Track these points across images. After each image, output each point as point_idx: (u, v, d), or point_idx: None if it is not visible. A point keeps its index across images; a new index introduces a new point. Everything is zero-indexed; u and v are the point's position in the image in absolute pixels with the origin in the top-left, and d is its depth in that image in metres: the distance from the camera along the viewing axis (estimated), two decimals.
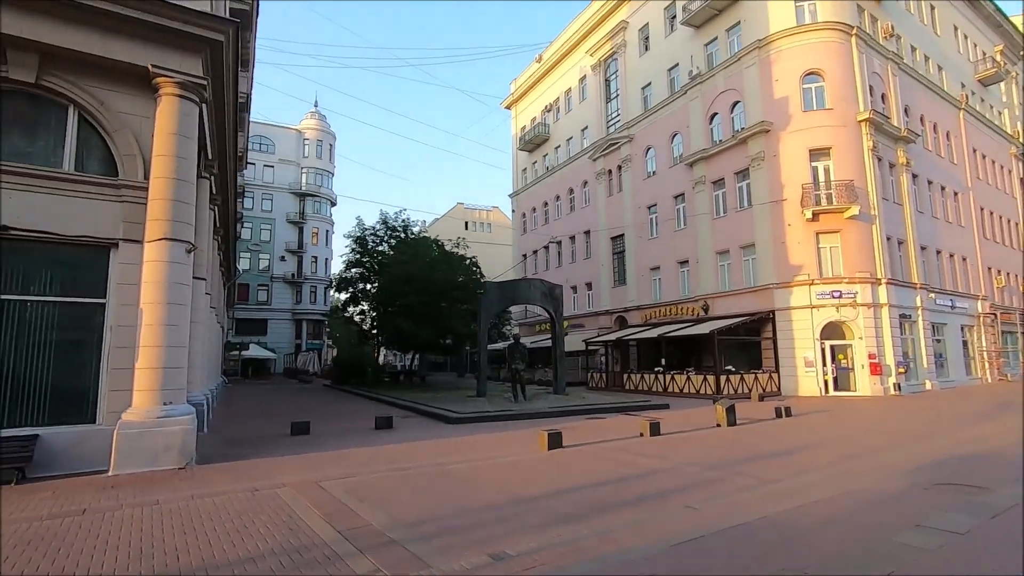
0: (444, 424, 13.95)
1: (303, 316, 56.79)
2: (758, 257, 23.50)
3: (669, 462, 8.48)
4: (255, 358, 45.04)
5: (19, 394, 8.27)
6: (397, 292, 26.27)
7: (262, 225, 57.41)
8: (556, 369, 18.46)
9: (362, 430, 12.82)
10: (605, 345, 29.22)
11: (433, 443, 10.78)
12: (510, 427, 13.09)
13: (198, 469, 8.40)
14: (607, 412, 15.98)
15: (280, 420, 14.78)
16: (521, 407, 15.73)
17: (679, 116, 28.04)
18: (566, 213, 37.76)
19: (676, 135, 28.47)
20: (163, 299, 8.79)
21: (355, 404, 20.61)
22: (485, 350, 17.59)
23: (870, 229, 22.40)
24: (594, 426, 13.20)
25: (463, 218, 68.68)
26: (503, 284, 18.24)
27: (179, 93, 9.26)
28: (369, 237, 32.68)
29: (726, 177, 25.19)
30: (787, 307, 22.31)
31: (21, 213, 8.32)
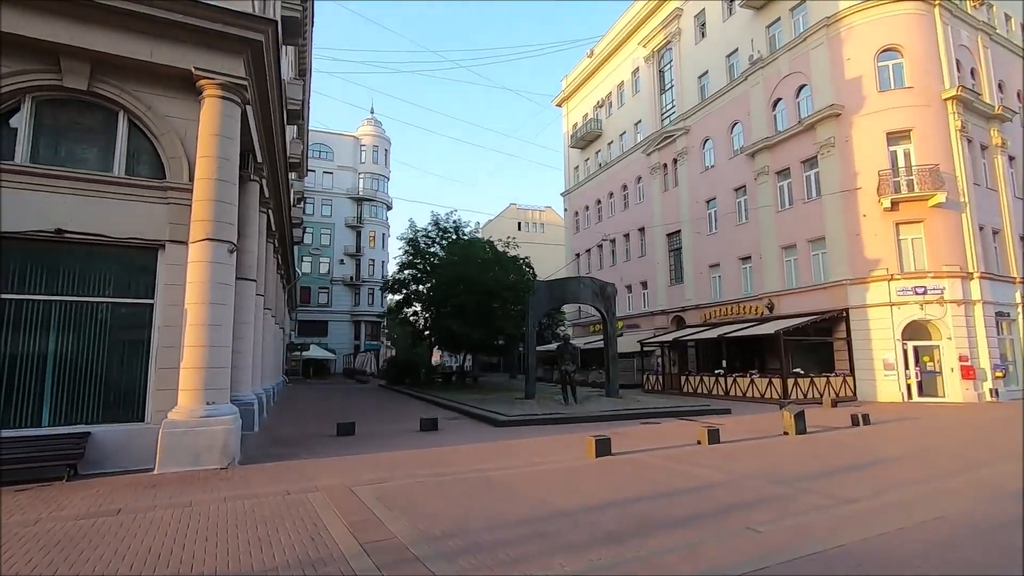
0: (490, 427, 13.56)
1: (361, 317, 58.28)
2: (829, 251, 21.78)
3: (728, 474, 7.69)
4: (315, 358, 46.46)
5: (74, 392, 8.51)
6: (448, 293, 26.24)
7: (322, 230, 59.41)
8: (608, 371, 17.71)
9: (407, 432, 12.62)
10: (661, 346, 28.07)
11: (476, 447, 10.39)
12: (558, 431, 12.53)
13: (240, 469, 8.36)
14: (662, 416, 15.12)
15: (330, 420, 14.84)
16: (571, 410, 15.13)
17: (739, 104, 26.52)
18: (620, 210, 36.68)
19: (736, 124, 26.95)
20: (206, 299, 8.84)
21: (405, 405, 20.62)
22: (534, 351, 17.10)
23: (959, 218, 20.26)
24: (647, 432, 12.44)
25: (516, 218, 68.59)
26: (552, 283, 17.68)
27: (221, 94, 9.32)
28: (421, 239, 32.96)
29: (792, 166, 23.55)
30: (863, 305, 20.52)
31: (74, 217, 8.57)
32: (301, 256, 57.67)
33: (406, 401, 22.47)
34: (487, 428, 13.38)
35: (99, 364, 8.70)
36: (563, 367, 16.74)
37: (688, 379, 24.45)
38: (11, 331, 8.23)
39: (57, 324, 8.51)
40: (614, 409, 15.43)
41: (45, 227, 8.38)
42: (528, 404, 15.95)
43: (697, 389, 23.58)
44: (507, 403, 16.61)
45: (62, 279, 8.62)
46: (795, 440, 10.93)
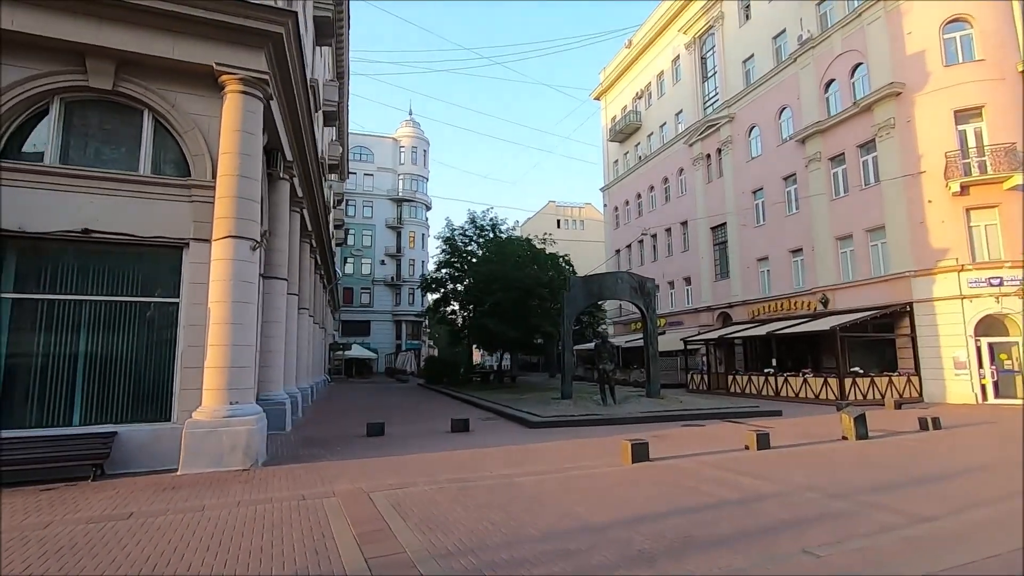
0: (524, 428, 13.07)
1: (402, 317, 58.89)
2: (890, 241, 20.21)
3: (780, 485, 6.93)
4: (357, 358, 47.12)
5: (102, 392, 8.51)
6: (484, 291, 25.91)
7: (363, 231, 60.34)
8: (649, 370, 16.91)
9: (437, 433, 12.28)
10: (706, 344, 26.90)
11: (506, 450, 9.92)
12: (594, 433, 11.92)
13: (262, 471, 8.16)
14: (706, 418, 14.26)
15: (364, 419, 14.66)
16: (609, 411, 14.47)
17: (787, 88, 25.07)
18: (661, 204, 35.50)
19: (784, 109, 25.50)
20: (228, 297, 8.70)
21: (440, 404, 20.38)
22: (570, 349, 16.49)
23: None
24: (689, 435, 11.66)
25: (555, 215, 67.87)
26: (588, 279, 17.02)
27: (242, 89, 9.18)
28: (458, 237, 32.79)
29: (846, 151, 22.02)
30: (929, 298, 18.93)
31: (100, 216, 8.57)
32: (344, 257, 58.77)
33: (442, 400, 22.25)
34: (520, 429, 12.90)
35: (126, 364, 8.69)
36: (600, 366, 16.07)
37: (735, 379, 23.26)
38: (40, 331, 8.30)
39: (86, 324, 8.53)
40: (655, 410, 14.67)
41: (73, 227, 8.41)
42: (564, 404, 15.37)
43: (745, 389, 22.39)
44: (542, 403, 16.08)
45: (90, 279, 8.64)
46: (856, 446, 9.96)
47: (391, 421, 14.26)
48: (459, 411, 17.09)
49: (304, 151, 14.46)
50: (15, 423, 8.01)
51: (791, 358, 23.53)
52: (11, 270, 8.32)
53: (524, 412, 14.52)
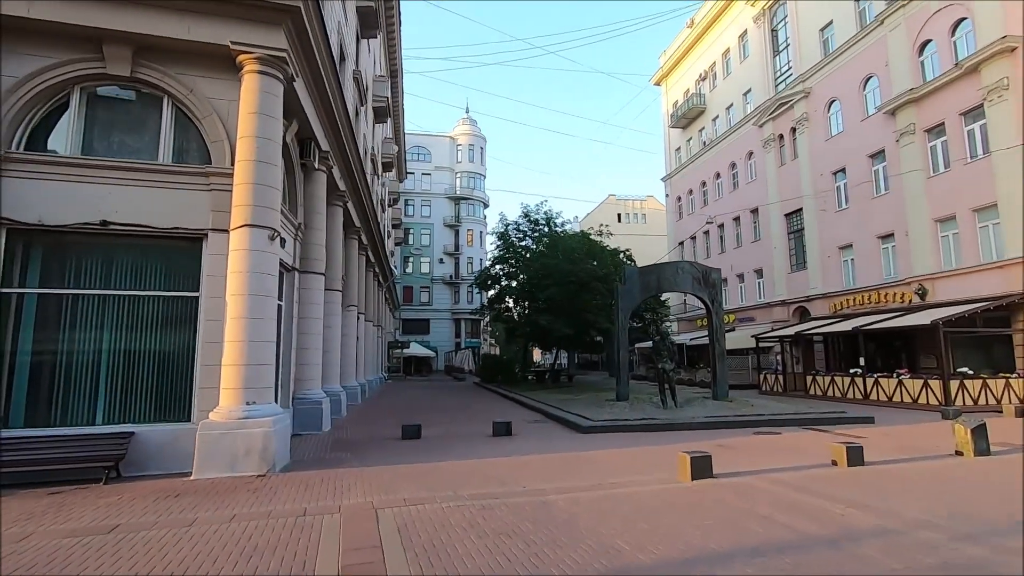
0: (571, 433, 11.93)
1: (461, 315, 58.82)
2: (1004, 222, 17.38)
3: (885, 517, 5.47)
4: (416, 356, 47.34)
5: (119, 390, 8.19)
6: (536, 286, 24.88)
7: (422, 230, 60.81)
8: (715, 369, 15.27)
9: (477, 436, 11.37)
10: (781, 341, 24.56)
11: (547, 459, 8.84)
12: (650, 440, 10.61)
13: (277, 478, 7.53)
14: (782, 425, 12.56)
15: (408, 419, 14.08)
16: (669, 415, 13.06)
17: (873, 54, 22.37)
18: (728, 191, 33.09)
19: (869, 79, 22.79)
20: (245, 290, 8.14)
21: (490, 404, 19.54)
22: (625, 346, 15.14)
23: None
24: (762, 445, 10.12)
25: (615, 209, 65.76)
26: (645, 270, 15.58)
27: (259, 69, 8.62)
28: (511, 232, 31.91)
29: (947, 121, 19.25)
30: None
31: (119, 207, 8.24)
32: (403, 257, 59.51)
33: (492, 400, 21.43)
34: (567, 434, 11.77)
35: (147, 361, 8.33)
36: (659, 365, 14.64)
37: (815, 380, 20.96)
38: (62, 327, 8.06)
39: (105, 319, 8.23)
40: (721, 415, 13.11)
41: (91, 220, 8.11)
42: (618, 407, 14.07)
43: (827, 391, 20.10)
44: (595, 405, 14.84)
45: (110, 273, 8.36)
46: (975, 465, 8.14)
47: (433, 422, 13.55)
48: (508, 412, 16.18)
49: (342, 141, 13.96)
50: (39, 422, 7.82)
51: (881, 357, 20.96)
52: (36, 265, 8.15)
53: (574, 415, 13.37)
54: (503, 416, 14.50)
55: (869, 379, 18.36)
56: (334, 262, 15.36)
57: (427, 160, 61.76)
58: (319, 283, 12.86)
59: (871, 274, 22.37)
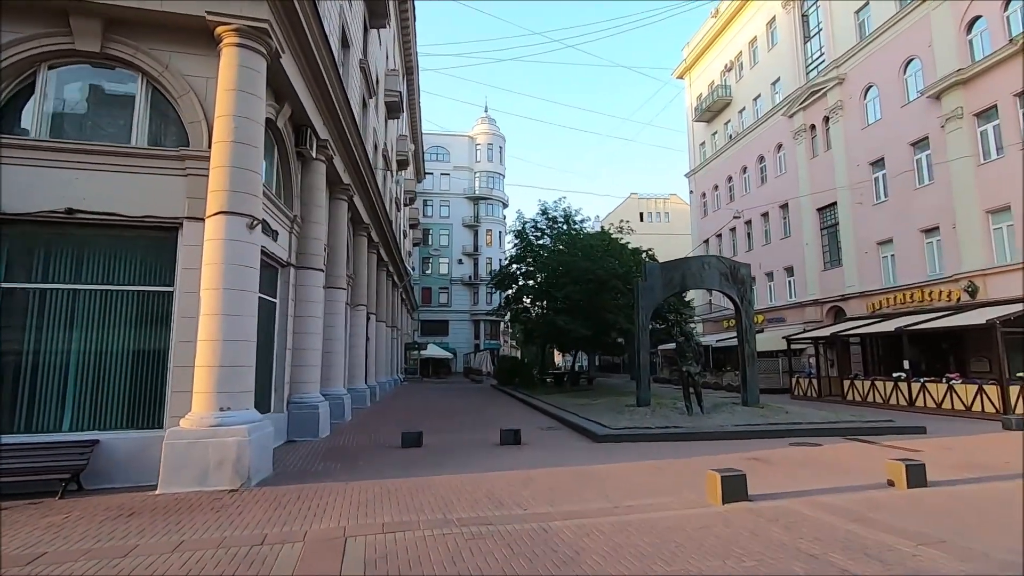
0: (587, 442, 10.92)
1: (480, 317, 58.03)
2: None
3: (966, 557, 4.37)
4: (433, 357, 46.68)
5: (88, 394, 7.48)
6: (553, 285, 23.90)
7: (441, 231, 60.27)
8: (745, 373, 14.07)
9: (484, 445, 10.44)
10: (815, 343, 23.09)
11: (557, 473, 7.87)
12: (674, 451, 9.55)
13: (251, 492, 6.72)
14: (822, 435, 11.34)
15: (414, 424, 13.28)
16: (694, 423, 11.95)
17: (915, 35, 20.83)
18: (756, 186, 31.61)
19: (910, 62, 21.25)
20: (220, 284, 7.37)
21: (504, 408, 18.61)
22: (646, 348, 14.04)
23: None
24: (802, 459, 8.97)
25: (637, 208, 64.27)
26: (668, 265, 14.46)
27: (238, 42, 7.86)
28: (529, 230, 30.98)
29: (999, 102, 17.67)
30: None
31: (87, 194, 7.55)
32: (422, 257, 59.04)
33: (507, 404, 20.49)
34: (582, 443, 10.76)
35: (117, 361, 7.62)
36: (683, 367, 13.51)
37: (853, 384, 19.50)
38: (27, 325, 7.39)
39: (72, 316, 7.54)
40: (753, 423, 11.95)
41: (56, 207, 7.44)
42: (639, 413, 12.99)
43: (867, 397, 18.64)
44: (614, 411, 13.79)
45: (77, 265, 7.66)
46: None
47: (439, 428, 12.68)
48: (521, 417, 15.24)
49: (343, 130, 13.20)
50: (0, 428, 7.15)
51: (926, 360, 19.41)
52: None
53: (590, 421, 12.35)
54: (516, 421, 13.59)
55: (915, 384, 16.89)
56: (337, 258, 14.64)
57: (446, 160, 61.23)
58: (318, 280, 12.12)
59: (914, 271, 20.81)
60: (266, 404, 10.65)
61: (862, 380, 19.12)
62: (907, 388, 17.04)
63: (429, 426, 13.03)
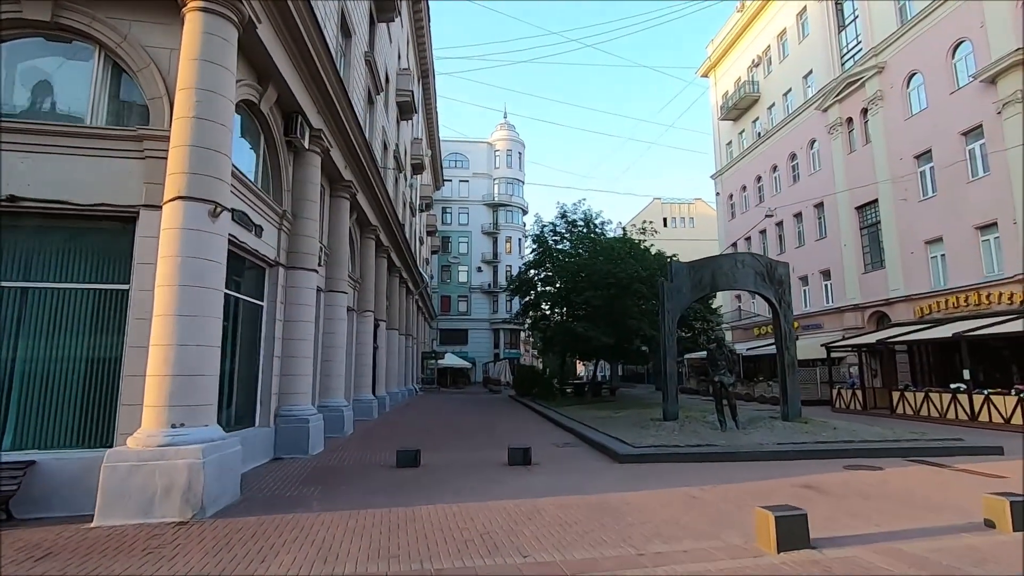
0: (607, 462, 9.63)
1: (500, 325, 56.89)
2: None
3: None
4: (451, 367, 45.65)
5: (32, 408, 6.53)
6: (573, 289, 22.64)
7: (460, 238, 59.48)
8: (785, 384, 12.60)
9: (489, 465, 9.23)
10: (858, 351, 21.34)
11: (569, 504, 6.62)
12: (708, 475, 8.21)
13: (201, 526, 5.65)
14: (879, 456, 9.84)
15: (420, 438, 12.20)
16: (729, 440, 10.56)
17: (964, 15, 19.19)
18: (787, 185, 29.95)
19: (960, 45, 19.59)
20: (175, 280, 6.36)
21: (519, 421, 17.38)
22: (673, 356, 12.67)
23: None
24: (865, 488, 7.54)
25: (661, 213, 62.52)
26: (697, 264, 13.11)
27: (203, 6, 6.90)
28: (548, 235, 29.74)
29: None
30: None
31: (32, 180, 6.65)
32: (441, 265, 58.29)
33: (523, 416, 19.24)
34: (601, 464, 9.47)
35: (66, 369, 6.67)
36: (715, 377, 12.12)
37: (904, 396, 17.74)
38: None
39: (16, 318, 6.62)
40: (797, 441, 10.50)
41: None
42: (666, 429, 11.63)
43: (919, 411, 16.88)
44: (638, 426, 12.44)
45: (22, 261, 6.76)
46: None
47: (444, 445, 11.53)
48: (537, 431, 14.02)
49: (341, 121, 12.27)
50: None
51: (984, 369, 17.59)
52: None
53: (611, 438, 11.06)
54: (529, 437, 12.41)
55: (977, 396, 15.13)
56: (338, 259, 13.69)
57: (465, 167, 60.58)
58: (310, 281, 11.12)
59: (968, 271, 19.00)
60: (249, 418, 9.67)
61: (914, 392, 17.36)
62: (968, 401, 15.28)
63: (434, 441, 11.91)
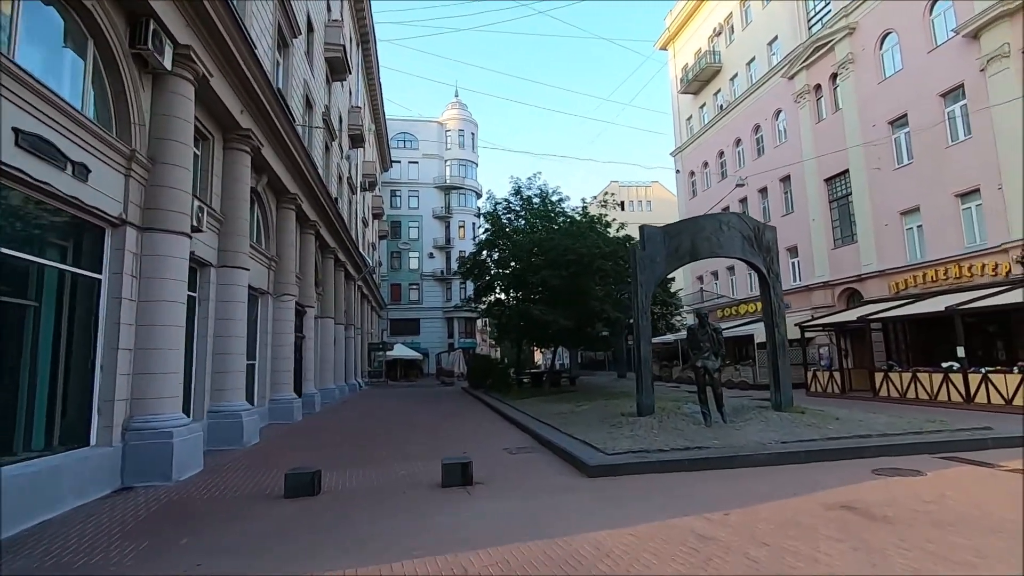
0: (575, 475, 7.41)
1: (454, 314, 54.34)
2: None
3: None
4: (402, 358, 42.85)
5: None
6: (528, 268, 20.40)
7: (410, 223, 56.43)
8: (776, 368, 10.73)
9: (418, 488, 6.84)
10: (835, 330, 20.02)
11: (518, 556, 4.33)
12: (707, 490, 6.11)
13: None
14: (902, 453, 8.03)
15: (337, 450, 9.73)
16: (722, 439, 8.56)
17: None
18: (751, 159, 28.59)
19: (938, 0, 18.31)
20: None
21: (467, 419, 15.07)
22: (647, 337, 10.57)
23: None
24: (920, 503, 5.56)
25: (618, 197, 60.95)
26: (673, 229, 10.98)
27: None
28: (501, 212, 27.33)
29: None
30: None
31: None
32: (390, 252, 55.10)
33: (474, 412, 16.94)
34: (565, 479, 7.23)
35: None
36: (699, 362, 10.12)
37: (888, 377, 16.38)
38: None
39: None
40: (802, 437, 8.59)
41: None
42: (642, 426, 9.54)
43: (906, 392, 15.54)
44: (607, 423, 10.31)
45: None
46: None
47: (364, 458, 9.05)
48: (487, 432, 11.75)
49: (227, 46, 9.46)
50: None
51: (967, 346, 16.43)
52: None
53: (577, 441, 8.88)
54: (480, 439, 10.21)
55: (974, 376, 13.78)
56: (235, 227, 10.94)
57: (414, 147, 57.35)
58: (179, 248, 8.37)
59: (947, 243, 17.83)
60: (83, 434, 6.97)
61: (899, 372, 16.00)
62: (962, 381, 13.93)
63: (354, 452, 9.46)
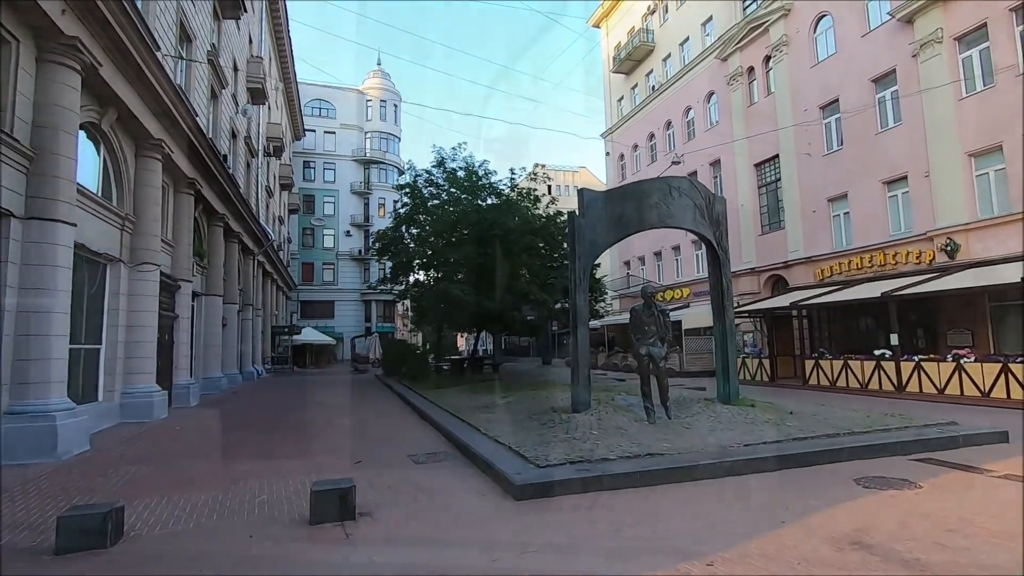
0: (497, 496, 5.66)
1: (372, 297, 51.09)
2: None
3: None
4: (311, 344, 39.48)
5: None
6: (448, 244, 18.45)
7: (326, 198, 52.36)
8: (725, 356, 9.52)
9: (275, 526, 4.81)
10: (762, 317, 19.66)
11: None
12: (671, 518, 4.57)
13: None
14: (874, 455, 6.98)
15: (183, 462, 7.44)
16: (674, 441, 7.15)
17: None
18: (682, 142, 28.03)
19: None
20: None
21: (373, 415, 13.00)
22: (584, 320, 9.02)
23: None
24: (936, 532, 4.30)
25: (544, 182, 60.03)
26: (615, 194, 9.52)
27: None
28: (422, 185, 24.99)
29: (990, 22, 14.64)
30: None
31: None
32: (302, 228, 50.93)
33: (383, 405, 14.86)
34: (484, 504, 5.46)
35: None
36: (643, 349, 8.72)
37: (819, 365, 16.02)
38: None
39: None
40: (768, 440, 7.34)
41: None
42: (579, 426, 8.00)
43: (836, 381, 15.19)
44: (537, 420, 8.69)
45: None
46: None
47: (214, 477, 6.79)
48: (393, 432, 9.76)
49: None
50: None
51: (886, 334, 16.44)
52: None
53: (501, 447, 7.15)
54: (382, 442, 8.28)
55: (906, 363, 13.47)
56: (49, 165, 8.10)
57: (331, 116, 53.11)
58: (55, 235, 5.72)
59: (874, 230, 17.77)
60: None
61: (830, 360, 15.66)
62: (895, 369, 13.61)
63: (206, 466, 7.20)
